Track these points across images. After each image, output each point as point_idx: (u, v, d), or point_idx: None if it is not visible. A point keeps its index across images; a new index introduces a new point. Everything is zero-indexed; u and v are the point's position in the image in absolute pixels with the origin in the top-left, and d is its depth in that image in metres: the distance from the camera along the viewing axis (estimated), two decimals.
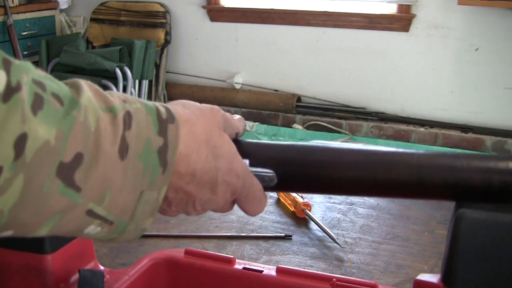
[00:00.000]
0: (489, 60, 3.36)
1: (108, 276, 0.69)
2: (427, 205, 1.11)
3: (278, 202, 1.14)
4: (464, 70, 3.44)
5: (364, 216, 1.08)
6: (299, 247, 0.97)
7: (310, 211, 1.07)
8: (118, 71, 3.57)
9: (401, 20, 3.52)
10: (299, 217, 1.07)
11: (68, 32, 4.23)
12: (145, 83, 3.80)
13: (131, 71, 3.65)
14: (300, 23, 3.77)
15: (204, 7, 3.97)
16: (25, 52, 3.90)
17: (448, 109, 3.51)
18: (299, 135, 3.67)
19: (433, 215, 1.07)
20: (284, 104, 3.78)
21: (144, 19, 4.03)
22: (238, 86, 3.92)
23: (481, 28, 3.34)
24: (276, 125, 3.81)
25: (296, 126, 3.76)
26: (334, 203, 1.13)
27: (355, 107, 3.69)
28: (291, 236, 1.00)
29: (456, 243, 0.49)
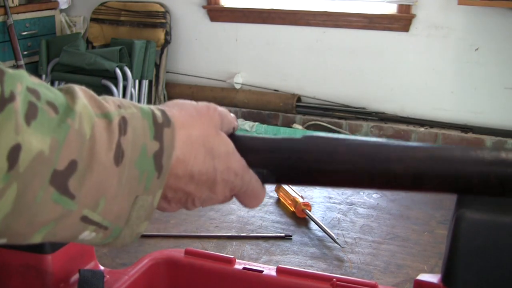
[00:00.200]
0: (489, 60, 3.36)
1: (108, 276, 0.69)
2: (427, 205, 1.11)
3: (278, 202, 1.14)
4: (464, 70, 3.44)
5: (364, 216, 1.08)
6: (299, 247, 0.97)
7: (310, 211, 1.07)
8: (118, 71, 3.57)
9: (401, 20, 3.52)
10: (299, 217, 1.07)
11: (68, 32, 4.23)
12: (145, 83, 3.80)
13: (131, 71, 3.65)
14: (300, 23, 3.77)
15: (204, 7, 3.97)
16: (25, 52, 3.90)
17: (448, 109, 3.51)
18: (299, 135, 3.67)
19: (433, 215, 1.07)
20: (284, 104, 3.78)
21: (144, 19, 4.03)
22: (238, 86, 3.92)
23: (481, 28, 3.34)
24: (276, 125, 3.81)
25: (296, 126, 3.76)
26: (334, 203, 1.13)
27: (355, 107, 3.69)
28: (291, 236, 1.00)
29: (456, 243, 0.49)
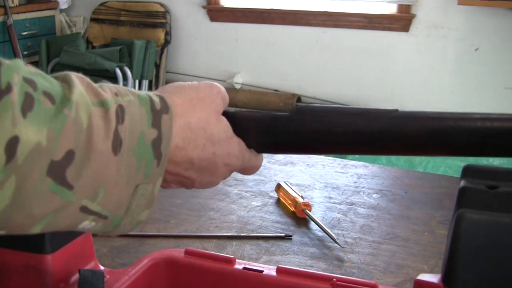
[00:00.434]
0: (489, 60, 3.36)
1: (108, 276, 0.69)
2: (427, 205, 1.11)
3: (278, 202, 1.14)
4: (464, 70, 3.44)
5: (364, 216, 1.08)
6: (299, 247, 0.97)
7: (310, 211, 1.07)
8: (118, 71, 3.57)
9: (401, 20, 3.52)
10: (299, 217, 1.07)
11: (68, 32, 4.23)
12: (145, 83, 3.80)
13: (131, 71, 3.65)
14: (300, 23, 3.77)
15: (204, 7, 3.97)
16: (25, 52, 3.90)
17: (448, 109, 3.50)
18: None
19: (433, 215, 1.07)
20: (284, 104, 3.78)
21: (144, 19, 4.03)
22: (238, 86, 3.92)
23: (481, 28, 3.34)
24: None
25: None
26: (334, 203, 1.13)
27: None
28: (291, 236, 1.00)
29: (457, 243, 0.49)
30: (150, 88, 3.90)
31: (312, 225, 1.04)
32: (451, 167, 2.97)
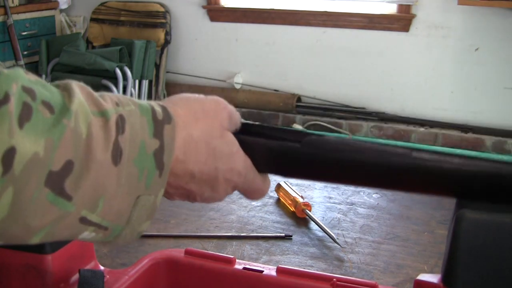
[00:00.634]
0: (489, 60, 3.36)
1: (108, 276, 0.69)
2: (427, 205, 1.11)
3: (278, 202, 1.14)
4: (464, 70, 3.44)
5: (364, 216, 1.08)
6: (299, 247, 0.97)
7: (310, 211, 1.07)
8: (118, 71, 3.57)
9: (401, 20, 3.52)
10: (299, 217, 1.07)
11: (68, 32, 4.23)
12: (145, 83, 3.80)
13: (131, 71, 3.65)
14: (300, 23, 3.76)
15: (204, 7, 3.97)
16: (25, 52, 3.90)
17: (448, 109, 3.51)
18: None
19: (433, 215, 1.07)
20: (284, 104, 3.78)
21: (144, 19, 4.03)
22: (238, 86, 3.92)
23: (481, 28, 3.34)
24: (276, 125, 3.81)
25: (296, 126, 3.76)
26: (334, 203, 1.13)
27: (355, 107, 3.69)
28: (291, 236, 1.00)
29: (457, 243, 0.49)
30: (150, 88, 3.89)
31: (312, 225, 1.04)
32: None
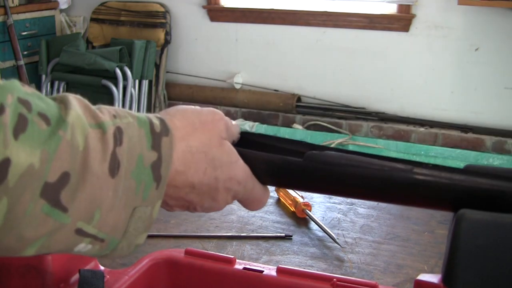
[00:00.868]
0: (489, 60, 3.36)
1: (108, 276, 0.69)
2: None
3: (278, 202, 1.14)
4: (464, 70, 3.44)
5: (364, 216, 1.08)
6: (299, 247, 0.97)
7: (310, 211, 1.07)
8: (118, 71, 3.57)
9: (401, 20, 3.52)
10: (299, 217, 1.07)
11: (68, 32, 4.23)
12: (145, 83, 3.80)
13: (131, 71, 3.65)
14: (300, 23, 3.77)
15: (204, 7, 3.97)
16: (25, 52, 3.90)
17: (448, 109, 3.51)
18: (299, 135, 3.67)
19: (433, 215, 1.07)
20: (284, 104, 3.78)
21: (144, 19, 4.03)
22: (238, 86, 3.92)
23: (481, 28, 3.34)
24: (276, 125, 3.81)
25: (296, 126, 3.76)
26: (334, 203, 1.13)
27: (355, 107, 3.69)
28: (291, 236, 1.00)
29: (457, 243, 0.49)
30: (150, 88, 3.89)
31: (312, 225, 1.04)
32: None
